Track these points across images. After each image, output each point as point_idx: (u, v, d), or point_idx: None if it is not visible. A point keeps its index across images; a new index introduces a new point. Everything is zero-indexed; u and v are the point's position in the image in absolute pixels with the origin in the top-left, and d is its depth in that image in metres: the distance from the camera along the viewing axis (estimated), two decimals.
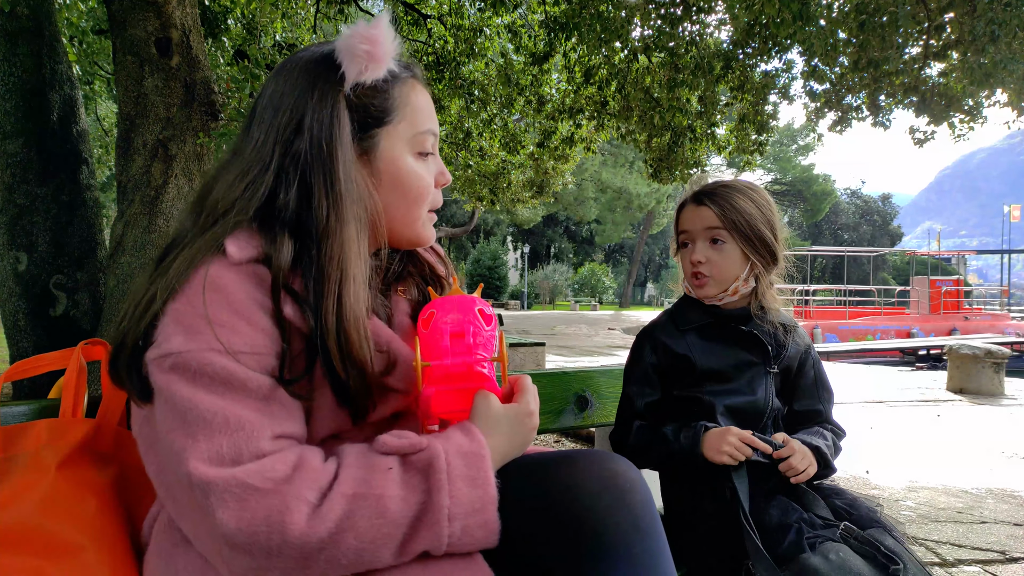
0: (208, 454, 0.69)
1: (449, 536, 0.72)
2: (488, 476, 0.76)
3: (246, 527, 0.67)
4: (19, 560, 0.79)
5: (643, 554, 0.75)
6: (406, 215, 0.94)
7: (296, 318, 0.79)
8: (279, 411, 0.76)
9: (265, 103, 0.88)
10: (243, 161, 0.85)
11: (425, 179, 0.94)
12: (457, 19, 6.61)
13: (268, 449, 0.72)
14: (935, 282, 20.52)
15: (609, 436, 1.43)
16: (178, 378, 0.72)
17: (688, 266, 1.36)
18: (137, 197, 3.15)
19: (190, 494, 0.69)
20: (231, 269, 0.77)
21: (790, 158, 43.73)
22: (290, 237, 0.81)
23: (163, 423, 0.73)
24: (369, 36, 0.85)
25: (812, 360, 1.42)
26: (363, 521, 0.70)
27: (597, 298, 40.46)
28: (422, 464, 0.75)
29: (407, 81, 0.93)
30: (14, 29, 3.19)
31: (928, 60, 5.80)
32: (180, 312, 0.75)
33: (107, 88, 7.04)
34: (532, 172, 9.03)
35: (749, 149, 6.70)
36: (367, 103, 0.88)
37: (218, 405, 0.72)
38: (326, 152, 0.84)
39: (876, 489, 3.45)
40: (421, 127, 0.93)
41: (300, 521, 0.68)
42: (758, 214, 1.33)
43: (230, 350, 0.73)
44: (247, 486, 0.68)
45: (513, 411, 0.85)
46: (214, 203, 0.83)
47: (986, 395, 6.94)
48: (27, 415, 0.99)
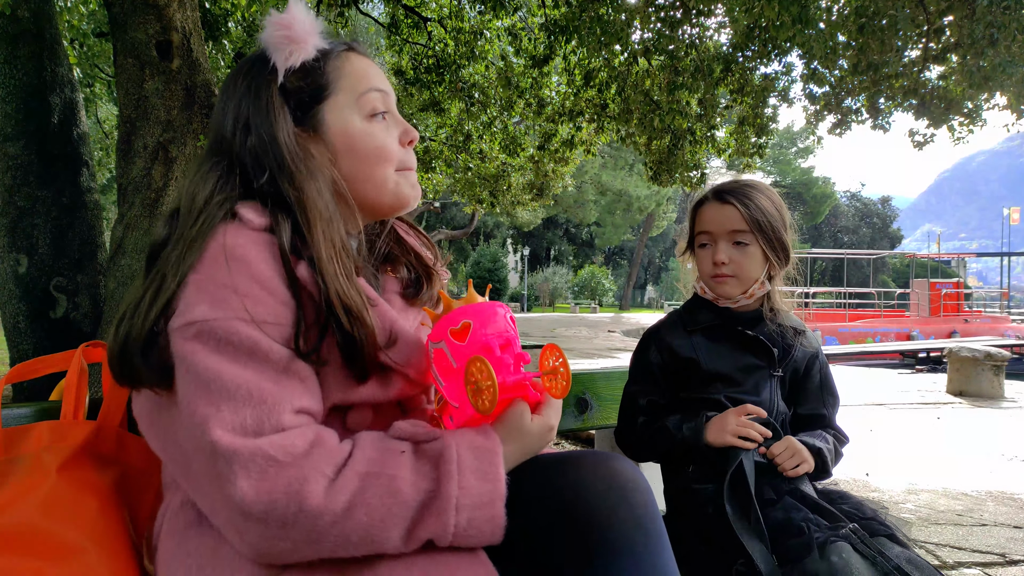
0: (232, 424, 0.71)
1: (455, 526, 0.74)
2: (498, 472, 0.77)
3: (265, 497, 0.68)
4: (20, 561, 0.79)
5: (646, 550, 0.77)
6: (372, 177, 0.95)
7: (309, 282, 0.80)
8: (297, 385, 0.78)
9: (218, 111, 0.93)
10: (212, 163, 0.89)
11: (379, 137, 0.95)
12: (457, 22, 6.62)
13: (288, 423, 0.74)
14: (935, 284, 20.50)
15: (614, 434, 1.43)
16: (202, 346, 0.73)
17: (709, 267, 1.33)
18: (138, 199, 3.16)
19: (211, 463, 0.70)
20: (249, 237, 0.79)
21: (790, 161, 43.78)
22: (282, 212, 0.84)
23: (185, 391, 0.74)
24: (283, 22, 0.89)
25: (820, 364, 1.40)
26: (375, 499, 0.72)
27: (597, 300, 40.43)
28: (433, 453, 0.77)
29: (340, 54, 0.95)
30: (15, 32, 3.19)
31: (927, 63, 5.81)
32: (202, 281, 0.76)
33: (108, 91, 7.06)
34: (532, 175, 9.04)
35: (749, 152, 6.71)
36: (300, 85, 0.91)
37: (242, 376, 0.73)
38: (269, 141, 0.87)
39: (876, 491, 3.45)
40: (361, 89, 0.94)
41: (318, 492, 0.70)
42: (777, 214, 1.32)
43: (255, 319, 0.75)
44: (269, 457, 0.70)
45: (537, 424, 0.86)
46: (189, 203, 0.84)
47: (986, 398, 6.94)
48: (28, 417, 0.99)
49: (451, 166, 7.87)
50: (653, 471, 1.44)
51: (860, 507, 1.20)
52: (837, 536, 1.05)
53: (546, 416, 0.88)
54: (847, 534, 1.06)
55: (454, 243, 38.89)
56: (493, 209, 9.55)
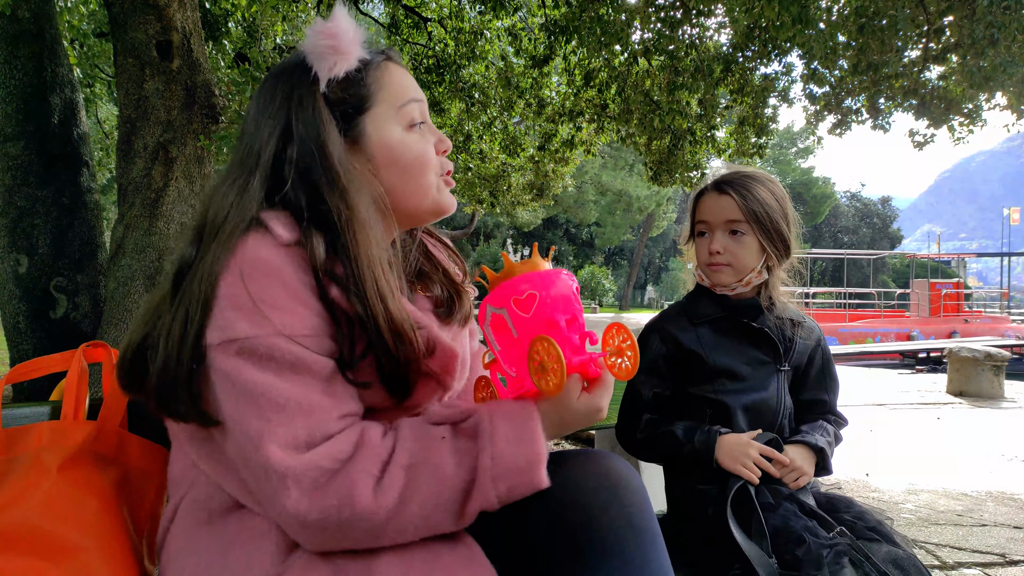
0: (284, 440, 0.72)
1: (497, 496, 0.74)
2: (535, 435, 0.77)
3: (319, 506, 0.70)
4: (20, 561, 0.80)
5: (637, 552, 0.77)
6: (416, 187, 0.94)
7: (342, 301, 0.80)
8: (341, 391, 0.79)
9: (252, 119, 0.90)
10: (237, 174, 0.86)
11: (420, 146, 0.94)
12: (457, 22, 6.62)
13: (335, 429, 0.75)
14: (935, 285, 20.49)
15: (615, 428, 1.42)
16: (246, 363, 0.73)
17: (705, 255, 1.35)
18: (138, 200, 3.16)
19: (265, 479, 0.72)
20: (279, 250, 0.77)
21: (790, 161, 43.79)
22: (316, 229, 0.82)
23: (233, 409, 0.74)
24: (328, 31, 0.87)
25: (822, 350, 1.42)
26: (425, 488, 0.73)
27: (597, 300, 40.42)
28: (470, 429, 0.78)
29: (379, 65, 0.94)
30: (15, 32, 3.19)
31: (927, 63, 5.81)
32: (237, 297, 0.75)
33: (108, 91, 7.05)
34: (532, 175, 9.03)
35: (749, 152, 6.71)
36: (343, 96, 0.90)
37: (290, 391, 0.74)
38: (319, 153, 0.85)
39: (876, 492, 3.45)
40: (401, 100, 0.94)
41: (367, 494, 0.71)
42: (776, 206, 1.33)
43: (293, 334, 0.75)
44: (320, 469, 0.71)
45: (584, 404, 0.83)
46: (213, 217, 0.83)
47: (986, 398, 6.94)
48: (29, 417, 0.99)
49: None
50: (655, 469, 1.44)
51: (863, 516, 1.20)
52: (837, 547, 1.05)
53: (596, 396, 0.84)
54: (846, 549, 1.06)
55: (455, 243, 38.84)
56: (493, 209, 9.54)
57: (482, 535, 0.80)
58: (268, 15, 5.90)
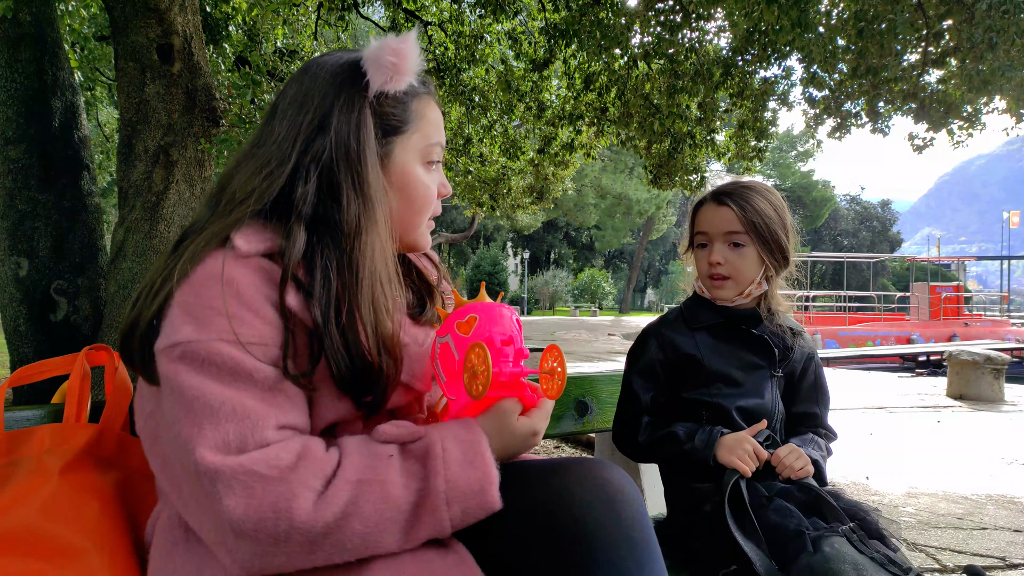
0: (214, 442, 0.71)
1: (451, 520, 0.75)
2: (485, 458, 0.78)
3: (253, 514, 0.68)
4: (22, 563, 0.80)
5: (632, 566, 0.75)
6: (410, 221, 0.97)
7: (300, 310, 0.80)
8: (284, 401, 0.78)
9: (289, 101, 0.91)
10: (263, 154, 0.87)
11: (431, 188, 0.97)
12: (458, 26, 6.63)
13: (273, 438, 0.74)
14: (935, 288, 20.50)
15: (612, 434, 1.42)
16: (186, 367, 0.73)
17: (705, 267, 1.35)
18: (138, 203, 3.16)
19: (197, 483, 0.70)
20: (239, 262, 0.78)
21: (789, 164, 43.86)
22: (305, 230, 0.83)
23: (170, 413, 0.74)
24: (397, 49, 0.88)
25: (815, 365, 1.43)
26: (368, 506, 0.72)
27: (597, 304, 40.42)
28: (420, 452, 0.78)
29: (423, 96, 0.96)
30: (16, 35, 3.20)
31: (927, 67, 5.83)
32: (188, 303, 0.76)
33: (108, 94, 7.06)
34: (532, 178, 9.05)
35: (748, 155, 6.72)
36: (388, 111, 0.91)
37: (225, 394, 0.73)
38: (354, 154, 0.87)
39: (876, 495, 3.45)
40: (432, 139, 0.97)
41: (306, 507, 0.70)
42: (775, 216, 1.33)
43: (239, 340, 0.75)
44: (253, 473, 0.70)
45: (522, 426, 0.87)
46: (232, 193, 0.85)
47: (986, 401, 6.93)
48: (31, 420, 0.99)
49: (451, 169, 7.87)
50: (655, 473, 1.44)
51: (854, 507, 1.21)
52: (833, 532, 1.06)
53: (534, 420, 0.88)
54: (845, 531, 1.07)
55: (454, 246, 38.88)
56: (493, 212, 9.56)
57: (474, 545, 0.80)
58: (269, 19, 5.92)
